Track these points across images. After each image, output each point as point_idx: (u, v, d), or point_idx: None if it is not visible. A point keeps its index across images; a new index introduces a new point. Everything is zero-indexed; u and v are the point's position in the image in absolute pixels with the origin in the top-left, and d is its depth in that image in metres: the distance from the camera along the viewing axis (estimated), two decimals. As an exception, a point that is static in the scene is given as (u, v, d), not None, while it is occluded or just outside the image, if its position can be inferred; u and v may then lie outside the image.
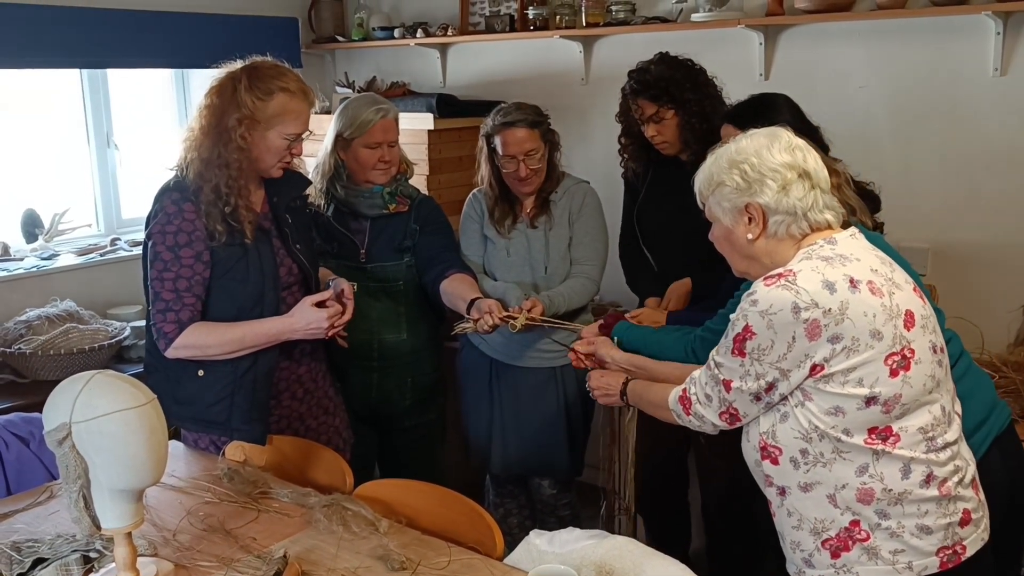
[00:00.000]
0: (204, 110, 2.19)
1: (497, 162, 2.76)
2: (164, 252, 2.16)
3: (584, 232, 2.79)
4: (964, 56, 2.99)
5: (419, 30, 4.07)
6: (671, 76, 2.67)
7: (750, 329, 1.58)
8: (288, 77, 2.21)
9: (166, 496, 2.01)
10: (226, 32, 3.90)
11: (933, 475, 1.59)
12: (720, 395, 1.67)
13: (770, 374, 1.58)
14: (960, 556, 1.61)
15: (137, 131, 4.02)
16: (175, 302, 2.16)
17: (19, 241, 3.63)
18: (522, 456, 2.89)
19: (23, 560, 1.71)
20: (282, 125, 2.20)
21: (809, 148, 1.69)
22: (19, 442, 2.22)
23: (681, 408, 1.78)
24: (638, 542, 1.72)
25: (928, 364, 1.58)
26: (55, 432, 1.55)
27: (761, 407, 1.64)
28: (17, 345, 3.09)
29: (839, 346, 1.53)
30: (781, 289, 1.54)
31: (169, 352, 2.18)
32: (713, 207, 1.72)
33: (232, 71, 2.21)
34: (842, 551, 1.62)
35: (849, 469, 1.58)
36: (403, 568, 1.71)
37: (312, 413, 2.43)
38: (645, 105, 2.69)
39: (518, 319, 2.49)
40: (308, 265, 2.36)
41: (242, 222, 2.18)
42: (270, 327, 2.22)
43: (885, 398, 1.54)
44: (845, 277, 1.54)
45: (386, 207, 2.73)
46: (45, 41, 3.38)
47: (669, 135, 2.70)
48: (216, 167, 2.15)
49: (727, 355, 1.64)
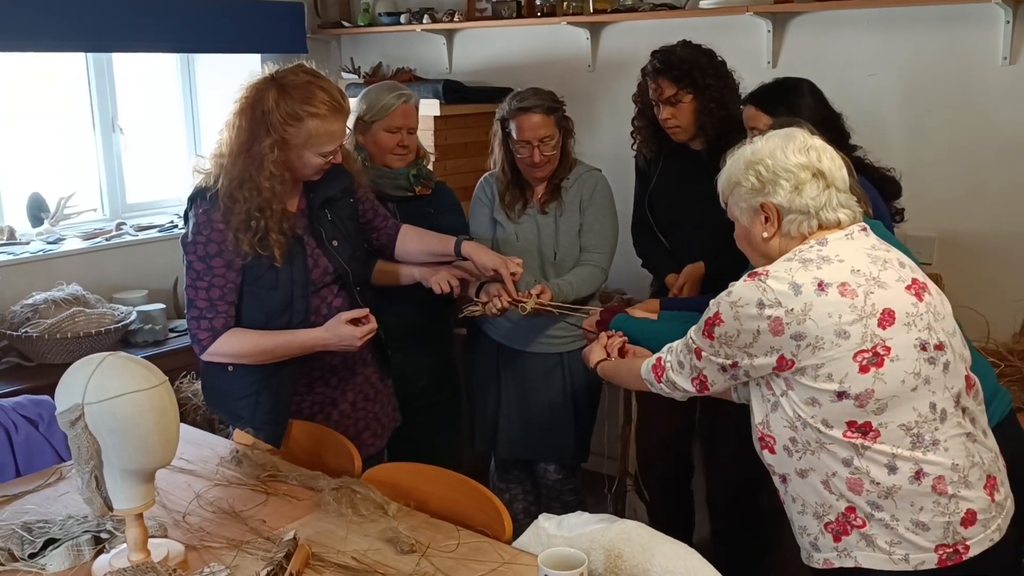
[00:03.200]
0: (233, 129, 2.13)
1: (511, 147, 2.77)
2: (196, 262, 2.16)
3: (595, 220, 2.79)
4: (973, 44, 2.98)
5: (425, 16, 4.06)
6: (695, 60, 2.67)
7: (719, 316, 1.67)
8: (317, 97, 2.11)
9: (176, 479, 2.02)
10: (232, 17, 3.88)
11: (923, 472, 1.59)
12: (692, 363, 1.76)
13: (737, 355, 1.66)
14: (962, 556, 1.61)
15: (142, 115, 4.02)
16: (208, 310, 2.17)
17: (25, 225, 3.63)
18: (528, 441, 2.90)
19: (34, 540, 1.71)
20: (316, 146, 2.15)
21: (826, 148, 1.71)
22: (28, 424, 2.23)
23: (653, 376, 1.87)
24: (647, 527, 1.72)
25: (910, 361, 1.58)
26: (68, 413, 1.56)
27: (727, 378, 1.73)
28: (24, 329, 3.09)
29: (803, 343, 1.58)
30: (752, 286, 1.62)
31: (204, 357, 2.22)
32: (732, 207, 1.78)
33: (259, 85, 2.13)
34: (843, 535, 1.65)
35: (835, 460, 1.61)
36: (412, 551, 1.71)
37: (347, 398, 2.42)
38: (665, 85, 2.68)
39: (528, 303, 2.51)
40: (343, 263, 2.31)
41: (271, 246, 2.15)
42: (304, 339, 2.22)
43: (856, 393, 1.57)
44: (814, 280, 1.59)
45: (412, 189, 2.76)
46: (50, 25, 3.36)
47: (683, 119, 2.69)
48: (247, 190, 2.10)
49: (698, 334, 1.74)
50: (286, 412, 2.29)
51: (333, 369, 2.38)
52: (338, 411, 2.41)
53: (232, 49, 3.93)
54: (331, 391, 2.40)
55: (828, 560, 1.68)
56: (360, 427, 2.45)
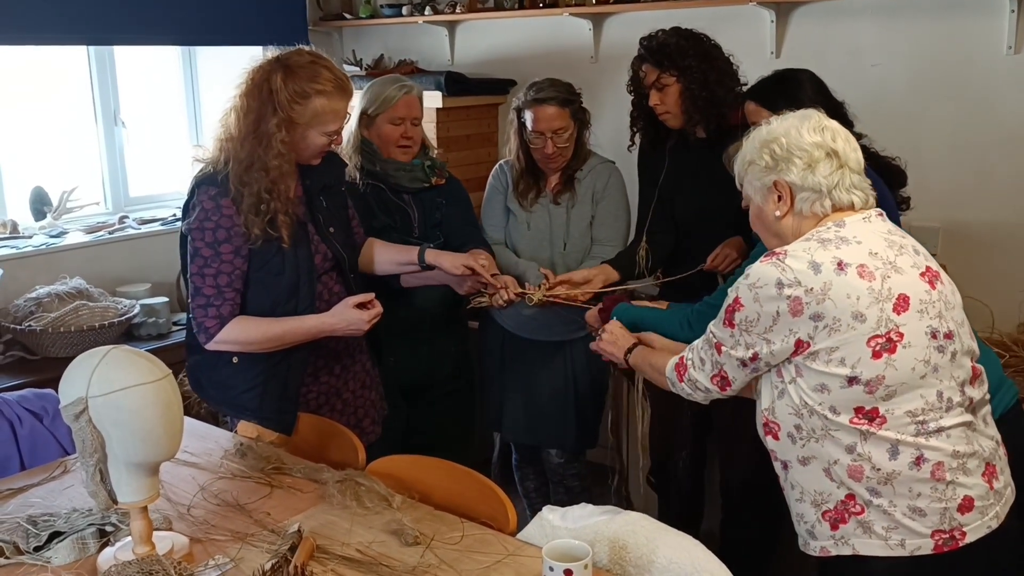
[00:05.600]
0: (240, 111, 2.14)
1: (526, 137, 2.77)
2: (204, 248, 2.15)
3: (607, 212, 2.81)
4: (978, 34, 2.97)
5: (427, 7, 4.05)
6: (676, 43, 2.65)
7: (739, 301, 1.66)
8: (323, 76, 2.14)
9: (180, 471, 2.02)
10: (233, 10, 3.88)
11: (923, 458, 1.59)
12: (712, 358, 1.76)
13: (757, 344, 1.65)
14: (958, 542, 1.61)
15: (144, 108, 4.02)
16: (216, 297, 2.16)
17: (28, 219, 3.64)
18: (531, 426, 2.94)
19: (39, 534, 1.72)
20: (322, 125, 2.16)
21: (840, 129, 1.72)
22: (32, 417, 2.23)
23: (676, 375, 1.86)
24: (651, 518, 1.72)
25: (921, 349, 1.59)
26: (72, 406, 1.56)
27: (748, 372, 1.72)
28: (27, 322, 3.10)
29: (821, 324, 1.58)
30: (770, 266, 1.62)
31: (210, 346, 2.19)
32: (747, 187, 1.78)
33: (264, 67, 2.15)
34: (840, 523, 1.65)
35: (839, 447, 1.62)
36: (417, 543, 1.72)
37: (348, 387, 2.43)
38: (649, 70, 2.67)
39: (535, 293, 2.54)
40: (340, 249, 2.33)
41: (280, 227, 2.16)
42: (311, 325, 2.22)
43: (867, 379, 1.57)
44: (834, 259, 1.59)
45: (428, 180, 2.76)
46: (51, 18, 3.36)
47: (671, 104, 2.66)
48: (257, 171, 2.11)
49: (719, 325, 1.73)
50: (295, 401, 2.29)
51: (336, 356, 2.39)
52: (341, 400, 2.42)
53: (234, 42, 3.92)
54: (335, 380, 2.40)
55: (825, 548, 1.69)
56: (360, 415, 2.46)
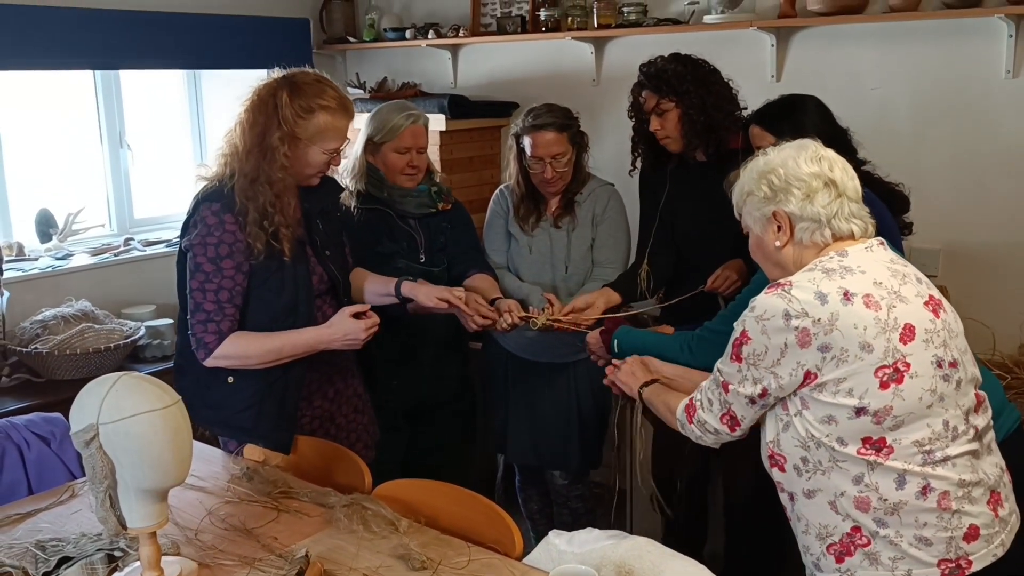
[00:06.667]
0: (245, 125, 2.18)
1: (525, 162, 2.80)
2: (205, 264, 2.17)
3: (607, 235, 2.83)
4: (977, 58, 3.00)
5: (430, 31, 4.08)
6: (674, 69, 2.68)
7: (746, 334, 1.65)
8: (328, 94, 2.19)
9: (187, 496, 2.03)
10: (238, 33, 3.92)
11: (930, 487, 1.60)
12: (720, 397, 1.74)
13: (765, 379, 1.64)
14: (964, 571, 1.61)
15: (149, 131, 4.04)
16: (216, 313, 2.18)
17: (34, 241, 3.65)
18: (535, 448, 2.95)
19: (48, 559, 1.72)
20: (323, 142, 2.20)
21: (838, 159, 1.73)
22: (40, 441, 2.24)
23: (686, 417, 1.84)
24: (657, 543, 1.73)
25: (928, 379, 1.59)
26: (82, 433, 1.57)
27: (756, 409, 1.70)
28: (33, 345, 3.11)
29: (828, 355, 1.57)
30: (776, 297, 1.61)
31: (208, 361, 2.20)
32: (746, 217, 1.79)
33: (271, 84, 2.20)
34: (845, 556, 1.65)
35: (846, 478, 1.61)
36: (423, 567, 1.72)
37: (342, 412, 2.44)
38: (648, 96, 2.70)
39: (539, 318, 2.56)
40: (336, 272, 2.36)
41: (282, 241, 2.19)
42: (308, 337, 2.23)
43: (875, 409, 1.57)
44: (840, 290, 1.59)
45: (435, 205, 2.78)
46: (58, 43, 3.40)
47: (671, 128, 2.69)
48: (262, 183, 2.15)
49: (726, 361, 1.71)
50: (292, 419, 2.30)
51: (330, 380, 2.40)
52: (335, 425, 2.44)
53: (239, 65, 3.95)
54: (329, 404, 2.42)
55: None
56: (353, 439, 2.46)
